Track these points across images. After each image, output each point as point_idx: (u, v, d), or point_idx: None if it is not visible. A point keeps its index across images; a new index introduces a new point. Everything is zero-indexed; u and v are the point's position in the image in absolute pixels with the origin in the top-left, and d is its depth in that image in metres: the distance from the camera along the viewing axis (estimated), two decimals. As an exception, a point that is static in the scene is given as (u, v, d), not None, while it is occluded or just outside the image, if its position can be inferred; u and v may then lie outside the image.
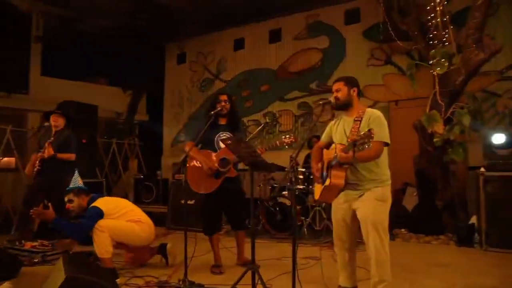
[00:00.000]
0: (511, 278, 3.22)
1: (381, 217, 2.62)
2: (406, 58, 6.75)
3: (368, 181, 2.64)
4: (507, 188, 4.03)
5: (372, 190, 2.63)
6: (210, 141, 3.55)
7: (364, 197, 2.64)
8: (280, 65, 8.25)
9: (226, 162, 3.46)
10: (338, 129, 2.83)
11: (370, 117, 2.65)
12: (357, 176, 2.64)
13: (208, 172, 3.44)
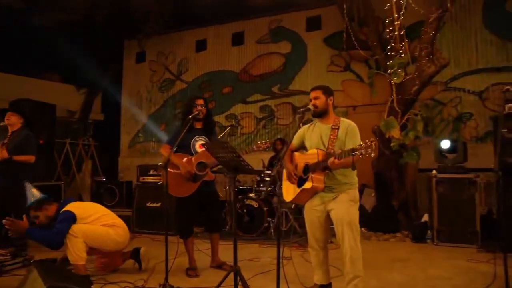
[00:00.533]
0: (461, 269, 3.59)
1: (355, 217, 2.83)
2: (364, 66, 7.17)
3: (342, 184, 2.84)
4: (455, 189, 4.44)
5: (346, 192, 2.83)
6: (186, 145, 3.55)
7: (339, 199, 2.82)
8: (243, 68, 8.36)
9: (203, 166, 3.49)
10: (314, 135, 2.98)
11: (348, 127, 2.86)
12: (334, 180, 2.82)
13: (186, 176, 3.45)
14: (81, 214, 3.18)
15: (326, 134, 2.88)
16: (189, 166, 3.48)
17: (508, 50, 6.17)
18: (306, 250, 4.18)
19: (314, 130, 3.00)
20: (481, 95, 6.26)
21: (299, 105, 7.74)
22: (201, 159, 3.51)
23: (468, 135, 6.22)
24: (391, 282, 3.27)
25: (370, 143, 2.37)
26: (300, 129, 3.18)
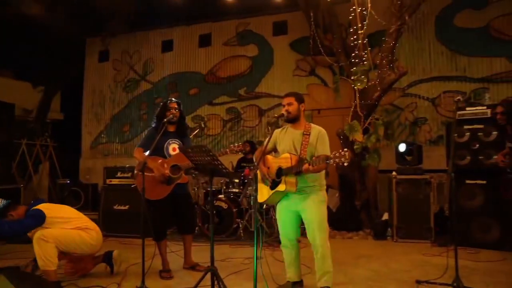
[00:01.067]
0: (418, 262, 3.89)
1: (324, 216, 3.02)
2: (328, 71, 7.47)
3: (312, 186, 3.01)
4: (412, 189, 4.79)
5: (316, 193, 3.01)
6: (159, 148, 3.57)
7: (309, 200, 2.99)
8: (210, 70, 8.40)
9: (177, 169, 3.53)
10: (286, 139, 3.12)
11: (318, 133, 3.04)
12: (304, 182, 2.98)
13: (161, 179, 3.47)
14: (51, 215, 3.12)
15: (298, 139, 3.04)
16: (163, 169, 3.50)
17: (456, 61, 6.69)
18: (276, 249, 4.37)
19: (286, 134, 3.14)
20: (434, 102, 6.74)
21: (266, 107, 7.92)
22: (174, 162, 3.54)
23: (423, 138, 6.67)
24: (356, 276, 3.48)
25: (344, 152, 2.54)
26: (274, 133, 3.31)
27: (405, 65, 6.29)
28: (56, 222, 3.14)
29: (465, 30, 6.64)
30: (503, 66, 6.40)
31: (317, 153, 2.97)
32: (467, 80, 6.58)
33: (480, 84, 6.49)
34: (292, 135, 3.10)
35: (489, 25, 6.51)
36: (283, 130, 3.22)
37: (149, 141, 3.55)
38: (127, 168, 5.49)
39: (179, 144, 3.67)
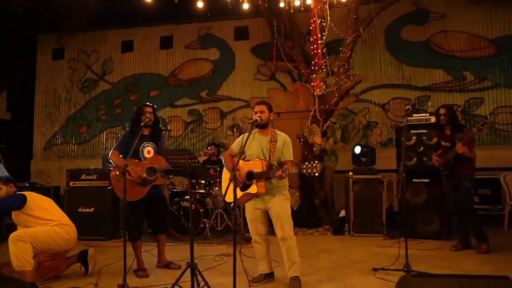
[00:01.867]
0: (373, 253, 4.34)
1: (289, 212, 3.36)
2: (288, 76, 7.84)
3: (278, 187, 3.31)
4: (367, 188, 5.25)
5: (281, 193, 3.34)
6: (135, 151, 3.66)
7: (276, 199, 3.30)
8: (171, 72, 8.44)
9: (152, 171, 3.64)
10: (254, 145, 3.37)
11: (284, 140, 3.37)
12: (271, 184, 3.26)
13: (137, 181, 3.56)
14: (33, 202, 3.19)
15: (266, 146, 3.32)
16: (140, 171, 3.60)
17: (403, 71, 7.35)
18: (243, 246, 4.61)
19: (254, 140, 3.40)
20: (384, 107, 7.34)
21: (227, 110, 8.12)
22: (150, 164, 3.66)
23: (374, 141, 7.24)
24: (320, 267, 3.82)
25: (316, 164, 2.89)
26: (240, 137, 3.55)
27: (359, 73, 6.84)
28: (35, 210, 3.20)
29: (410, 43, 7.32)
30: (442, 77, 7.15)
31: (283, 158, 3.33)
32: (412, 88, 7.26)
33: (423, 92, 7.19)
34: (260, 141, 3.36)
35: (430, 39, 7.24)
36: (250, 135, 3.47)
37: (124, 144, 3.63)
38: (92, 170, 5.43)
39: (153, 147, 3.79)
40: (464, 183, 4.29)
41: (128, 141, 3.62)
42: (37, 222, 3.20)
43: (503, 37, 6.93)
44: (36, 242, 3.07)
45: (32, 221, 3.20)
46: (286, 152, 3.32)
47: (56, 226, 3.25)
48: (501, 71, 6.89)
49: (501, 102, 6.84)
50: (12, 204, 3.19)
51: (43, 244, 3.13)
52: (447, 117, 4.39)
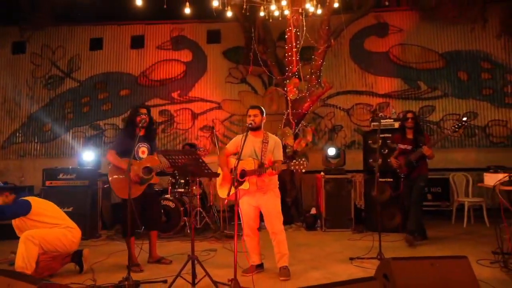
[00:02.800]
0: (346, 245, 4.79)
1: (279, 208, 3.69)
2: (259, 80, 8.18)
3: (269, 185, 3.62)
4: (337, 187, 5.70)
5: (272, 190, 3.65)
6: (130, 151, 3.79)
7: (268, 196, 3.61)
8: (142, 72, 8.43)
9: (148, 170, 3.79)
10: (247, 145, 3.64)
11: (275, 142, 3.70)
12: (263, 182, 3.57)
13: (136, 180, 3.69)
14: (37, 207, 3.19)
15: (258, 146, 3.62)
16: (137, 170, 3.73)
17: (365, 78, 7.97)
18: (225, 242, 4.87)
19: (247, 141, 3.67)
20: (348, 112, 7.91)
21: (199, 111, 8.28)
22: (146, 163, 3.80)
23: (339, 143, 7.78)
24: (302, 259, 4.19)
25: (303, 161, 3.24)
26: (236, 138, 3.82)
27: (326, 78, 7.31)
28: (41, 215, 3.21)
29: (372, 53, 7.95)
30: (400, 85, 7.86)
31: (274, 158, 3.64)
32: (374, 95, 7.90)
33: (384, 98, 7.85)
34: (252, 142, 3.65)
35: (389, 51, 7.93)
36: (243, 137, 3.74)
37: (120, 144, 3.75)
38: (71, 169, 5.38)
39: (147, 147, 3.93)
40: (420, 183, 4.77)
41: (124, 141, 3.74)
42: (43, 227, 3.23)
43: (450, 52, 7.77)
44: (46, 243, 3.13)
45: (37, 226, 3.23)
46: (276, 152, 3.64)
47: (64, 229, 3.31)
48: (449, 82, 7.72)
49: (449, 110, 7.67)
50: (17, 210, 3.17)
51: (51, 245, 3.20)
52: (413, 121, 4.83)
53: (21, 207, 3.19)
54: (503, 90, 7.61)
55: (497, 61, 7.64)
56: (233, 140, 3.81)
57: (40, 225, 3.24)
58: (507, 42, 7.54)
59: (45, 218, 3.27)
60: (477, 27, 7.42)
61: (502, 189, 3.91)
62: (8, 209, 3.20)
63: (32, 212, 3.21)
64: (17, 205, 3.21)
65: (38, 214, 3.24)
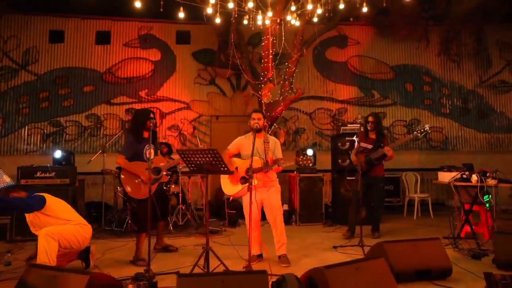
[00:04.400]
0: (323, 236, 5.29)
1: (280, 202, 4.09)
2: (227, 82, 8.46)
3: (272, 181, 3.99)
4: (310, 184, 6.23)
5: (275, 186, 4.01)
6: (140, 153, 3.93)
7: (271, 191, 3.97)
8: (108, 68, 8.26)
9: (157, 170, 3.95)
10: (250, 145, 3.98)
11: (275, 142, 4.11)
12: (268, 178, 3.93)
13: (147, 181, 3.83)
14: (51, 204, 3.22)
15: (261, 147, 3.98)
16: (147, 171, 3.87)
17: (326, 85, 8.66)
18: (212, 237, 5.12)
19: (251, 142, 4.00)
20: (311, 116, 8.53)
21: (167, 111, 8.34)
22: (154, 164, 3.95)
23: (302, 144, 8.35)
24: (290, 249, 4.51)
25: (310, 157, 3.78)
26: (238, 140, 4.14)
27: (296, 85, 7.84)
28: (55, 211, 3.23)
29: (332, 62, 8.67)
30: (356, 93, 8.66)
31: (275, 156, 4.01)
32: (334, 101, 8.61)
33: (342, 104, 8.59)
34: (256, 143, 3.99)
35: (348, 61, 8.70)
36: (245, 138, 4.09)
37: (130, 149, 3.90)
38: (50, 167, 5.22)
39: (153, 148, 4.07)
40: (379, 184, 5.28)
41: (133, 146, 3.89)
42: (57, 223, 3.24)
43: (399, 65, 8.76)
44: (63, 239, 3.15)
45: (51, 222, 3.24)
46: (277, 151, 4.03)
47: (77, 225, 3.35)
48: (397, 92, 8.70)
49: (398, 116, 8.64)
50: (33, 204, 3.18)
51: (68, 242, 3.22)
52: (373, 124, 5.30)
53: (37, 201, 3.20)
54: (440, 101, 8.77)
55: (436, 76, 8.79)
56: (234, 142, 4.12)
57: (53, 221, 3.25)
58: (444, 60, 8.71)
59: (58, 213, 3.29)
60: (422, 46, 8.47)
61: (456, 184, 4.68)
62: (23, 202, 3.19)
63: (46, 207, 3.23)
64: (33, 199, 3.21)
65: (52, 210, 3.25)
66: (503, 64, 8.89)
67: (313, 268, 2.76)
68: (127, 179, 3.87)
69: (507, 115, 8.80)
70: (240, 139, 4.14)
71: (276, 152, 4.03)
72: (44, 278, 2.48)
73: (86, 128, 8.08)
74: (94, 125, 8.10)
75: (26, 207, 3.19)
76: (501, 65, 8.89)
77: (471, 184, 4.49)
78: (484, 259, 3.97)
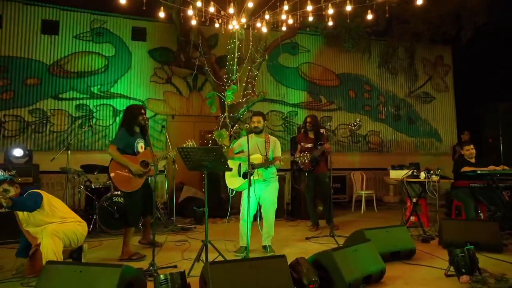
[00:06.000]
0: (292, 230, 5.62)
1: (276, 199, 4.40)
2: (183, 81, 8.50)
3: (271, 176, 4.29)
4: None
5: (274, 182, 4.31)
6: (131, 147, 3.92)
7: (270, 187, 4.26)
8: (56, 61, 7.78)
9: (145, 164, 3.96)
10: (252, 145, 4.23)
11: (275, 142, 4.41)
12: (268, 174, 4.23)
13: (138, 173, 3.83)
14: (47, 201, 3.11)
15: (262, 145, 4.28)
16: (136, 165, 3.88)
17: (279, 89, 9.15)
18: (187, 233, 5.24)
19: (252, 141, 4.27)
20: (265, 117, 8.91)
21: (121, 108, 8.10)
22: (142, 158, 3.97)
23: (257, 145, 8.71)
24: (268, 242, 4.90)
25: (306, 153, 4.07)
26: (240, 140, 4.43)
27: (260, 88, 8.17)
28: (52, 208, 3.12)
29: (285, 67, 9.19)
30: (306, 97, 9.30)
31: (275, 154, 4.35)
32: (285, 104, 9.13)
33: (293, 108, 9.15)
34: (256, 141, 4.33)
35: (298, 67, 9.30)
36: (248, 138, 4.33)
37: (121, 140, 3.87)
38: (10, 165, 4.83)
39: (144, 142, 4.09)
40: (325, 180, 5.75)
41: (125, 138, 3.88)
42: (52, 220, 3.12)
43: (344, 73, 9.62)
44: (66, 238, 3.06)
45: (47, 221, 3.11)
46: (276, 150, 4.35)
47: (75, 223, 3.25)
48: (342, 98, 9.53)
49: (342, 120, 9.46)
50: (32, 203, 3.03)
51: (69, 240, 3.13)
52: (311, 124, 5.76)
53: (35, 199, 3.04)
54: (378, 108, 9.81)
55: (374, 85, 9.82)
56: (238, 141, 4.41)
57: (49, 219, 3.12)
58: (382, 71, 9.78)
59: (55, 211, 3.16)
60: (365, 57, 9.41)
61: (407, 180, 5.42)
62: (23, 201, 3.02)
63: (42, 205, 3.10)
64: (31, 197, 3.05)
65: (49, 207, 3.12)
66: (426, 78, 10.26)
67: (320, 251, 3.10)
68: (116, 169, 3.83)
69: (429, 122, 10.17)
70: (242, 139, 4.44)
71: (276, 151, 4.34)
72: (69, 274, 2.44)
73: (29, 124, 7.50)
74: (39, 121, 7.56)
75: (25, 206, 3.04)
76: (425, 79, 10.25)
77: (420, 180, 5.25)
78: (432, 242, 4.69)
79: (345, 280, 2.78)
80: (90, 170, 5.89)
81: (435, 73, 10.29)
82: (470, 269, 3.15)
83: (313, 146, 5.70)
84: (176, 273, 2.56)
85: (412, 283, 3.21)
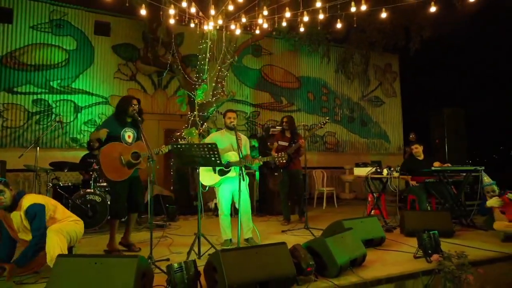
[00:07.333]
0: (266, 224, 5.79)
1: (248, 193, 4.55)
2: (148, 79, 8.41)
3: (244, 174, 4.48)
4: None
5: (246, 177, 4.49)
6: (116, 136, 3.91)
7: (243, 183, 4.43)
8: (10, 52, 7.33)
9: (136, 156, 3.96)
10: (225, 141, 4.40)
11: (246, 140, 4.63)
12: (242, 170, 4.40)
13: (126, 163, 3.82)
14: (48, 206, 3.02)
15: (234, 142, 4.42)
16: (126, 155, 3.87)
17: (242, 90, 9.39)
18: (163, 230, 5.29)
19: (225, 137, 4.43)
20: (230, 117, 9.10)
21: (83, 104, 7.83)
22: (135, 149, 3.97)
23: (222, 144, 8.86)
24: (246, 236, 5.10)
25: (284, 154, 4.32)
26: (212, 136, 4.52)
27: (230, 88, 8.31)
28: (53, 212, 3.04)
29: (248, 69, 9.45)
30: (268, 98, 9.63)
31: (245, 152, 4.50)
32: (248, 104, 9.39)
33: (256, 108, 9.44)
34: (229, 139, 4.45)
35: (261, 69, 9.61)
36: (220, 134, 4.50)
37: (106, 126, 3.88)
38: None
39: (133, 132, 4.06)
40: (299, 177, 6.22)
41: (111, 125, 3.87)
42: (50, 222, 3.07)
43: (303, 76, 10.10)
44: (68, 236, 3.03)
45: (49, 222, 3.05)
46: (246, 148, 4.52)
47: (73, 222, 3.21)
48: (302, 100, 10.01)
49: (302, 121, 9.92)
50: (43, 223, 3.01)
51: (70, 238, 3.09)
52: (287, 123, 6.14)
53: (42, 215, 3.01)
54: (334, 110, 10.43)
55: (331, 89, 10.43)
56: (210, 137, 4.47)
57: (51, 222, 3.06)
58: (339, 75, 10.42)
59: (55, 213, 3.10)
60: (324, 61, 9.96)
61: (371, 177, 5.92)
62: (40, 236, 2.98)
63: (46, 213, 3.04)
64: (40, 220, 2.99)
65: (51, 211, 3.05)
66: (377, 84, 11.10)
67: (312, 239, 3.38)
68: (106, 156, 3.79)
69: (379, 124, 11.01)
70: (215, 134, 4.53)
71: (246, 148, 4.53)
72: (85, 266, 2.46)
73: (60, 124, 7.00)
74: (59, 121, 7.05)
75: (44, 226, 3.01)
76: (376, 84, 11.08)
77: (382, 176, 5.77)
78: (394, 231, 5.21)
79: (338, 264, 3.09)
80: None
81: (384, 79, 11.17)
82: (435, 250, 3.64)
83: (288, 144, 6.00)
84: (190, 261, 2.68)
85: (388, 265, 3.61)
